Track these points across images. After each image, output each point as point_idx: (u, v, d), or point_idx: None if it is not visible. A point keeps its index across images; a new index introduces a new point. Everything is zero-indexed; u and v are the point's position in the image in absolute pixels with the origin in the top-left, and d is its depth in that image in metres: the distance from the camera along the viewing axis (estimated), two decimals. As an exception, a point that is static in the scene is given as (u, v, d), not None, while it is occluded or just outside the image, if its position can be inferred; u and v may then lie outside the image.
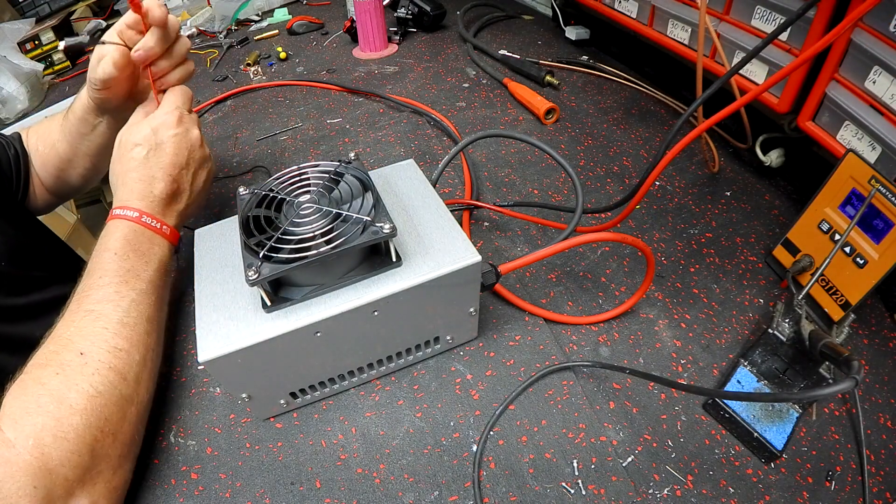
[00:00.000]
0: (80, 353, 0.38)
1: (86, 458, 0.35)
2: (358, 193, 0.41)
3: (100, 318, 0.41)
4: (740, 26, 0.58)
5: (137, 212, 0.47)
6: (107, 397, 0.38)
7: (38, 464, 0.33)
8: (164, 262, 0.47)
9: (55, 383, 0.37)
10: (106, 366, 0.39)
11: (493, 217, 0.62)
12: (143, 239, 0.46)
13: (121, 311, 0.42)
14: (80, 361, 0.38)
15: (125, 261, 0.44)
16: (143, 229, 0.46)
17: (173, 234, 0.49)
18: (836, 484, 0.39)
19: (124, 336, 0.41)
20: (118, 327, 0.41)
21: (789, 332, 0.44)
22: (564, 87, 0.85)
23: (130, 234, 0.46)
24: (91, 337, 0.40)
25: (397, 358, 0.46)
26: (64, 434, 0.35)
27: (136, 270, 0.44)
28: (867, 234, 0.44)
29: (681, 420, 0.42)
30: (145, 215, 0.47)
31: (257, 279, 0.35)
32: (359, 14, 0.97)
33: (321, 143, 0.78)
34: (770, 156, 0.62)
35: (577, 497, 0.38)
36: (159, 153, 0.49)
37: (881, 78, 0.45)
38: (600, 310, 0.51)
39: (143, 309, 0.43)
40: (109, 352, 0.39)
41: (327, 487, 0.40)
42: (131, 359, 0.40)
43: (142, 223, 0.46)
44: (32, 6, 1.44)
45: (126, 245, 0.45)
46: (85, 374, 0.38)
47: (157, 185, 0.48)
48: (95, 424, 0.36)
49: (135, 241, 0.45)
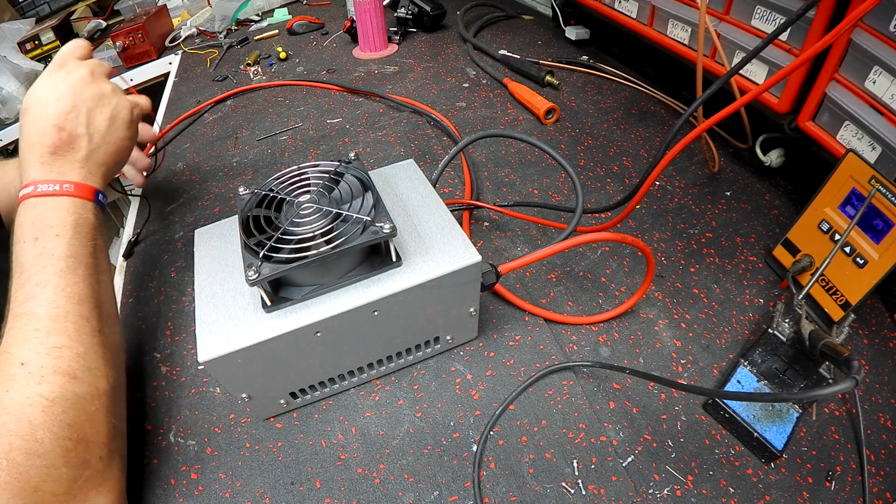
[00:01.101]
0: (20, 364, 0.35)
1: (63, 470, 0.34)
2: (358, 193, 0.41)
3: (30, 319, 0.37)
4: (740, 26, 0.58)
5: (32, 184, 0.42)
6: (62, 403, 0.35)
7: (20, 484, 0.31)
8: (82, 225, 0.42)
9: (7, 400, 0.34)
10: (50, 370, 0.36)
11: (493, 217, 0.62)
12: (46, 211, 0.41)
13: (47, 304, 0.38)
14: (23, 373, 0.35)
15: (35, 245, 0.40)
16: (43, 200, 0.41)
17: (81, 188, 0.43)
18: (836, 484, 0.39)
19: (59, 331, 0.37)
20: (50, 323, 0.37)
21: (789, 332, 0.44)
22: (564, 87, 0.85)
23: (33, 213, 0.41)
24: (27, 343, 0.36)
25: (397, 358, 0.46)
26: (34, 451, 0.33)
27: (49, 251, 0.40)
28: (867, 234, 0.44)
29: (681, 420, 0.42)
30: (39, 184, 0.42)
31: (257, 279, 0.35)
32: (359, 14, 0.97)
33: (321, 143, 0.78)
34: (770, 156, 0.62)
35: (577, 497, 0.38)
36: (39, 107, 0.44)
37: (881, 78, 0.45)
38: (600, 310, 0.51)
39: (70, 291, 0.39)
40: (49, 354, 0.36)
41: (327, 487, 0.40)
42: (75, 353, 0.37)
43: (38, 194, 0.41)
44: (32, 6, 1.44)
45: (32, 227, 0.40)
46: (31, 384, 0.35)
47: (44, 139, 0.43)
48: (61, 434, 0.34)
49: (39, 219, 0.41)
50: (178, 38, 1.24)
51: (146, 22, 1.16)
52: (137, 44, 1.16)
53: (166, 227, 0.67)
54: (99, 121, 0.46)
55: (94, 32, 1.42)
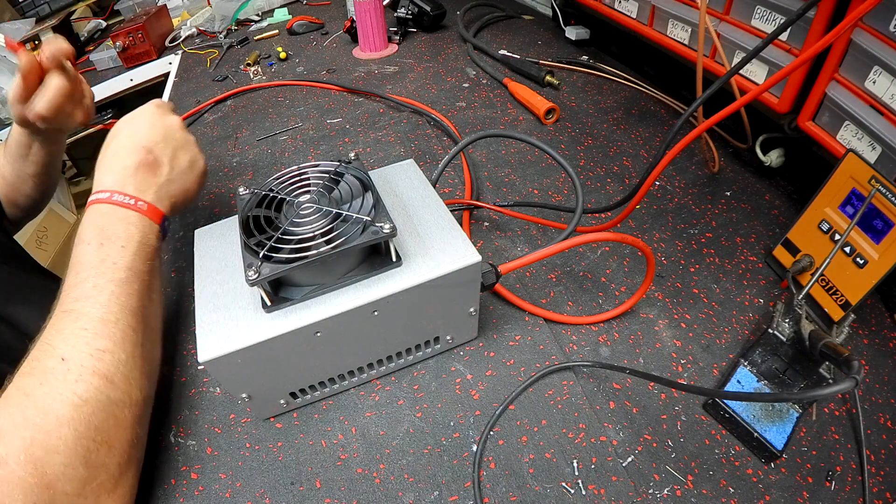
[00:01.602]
0: (61, 360, 0.36)
1: (80, 470, 0.34)
2: (358, 193, 0.41)
3: (79, 317, 0.38)
4: (740, 26, 0.58)
5: (109, 192, 0.44)
6: (94, 404, 0.35)
7: (33, 480, 0.32)
8: (146, 243, 0.44)
9: (39, 394, 0.35)
10: (89, 371, 0.36)
11: (493, 217, 0.62)
12: (116, 221, 0.43)
13: (100, 307, 0.39)
14: (62, 368, 0.36)
15: (99, 250, 0.41)
16: (115, 209, 0.43)
17: (153, 210, 0.45)
18: (836, 484, 0.39)
19: (106, 335, 0.38)
20: (99, 326, 0.38)
21: (789, 332, 0.44)
22: (564, 87, 0.85)
23: (103, 220, 0.43)
24: (71, 340, 0.37)
25: (397, 358, 0.46)
26: (54, 447, 0.33)
27: (112, 259, 0.41)
28: (867, 234, 0.44)
29: (681, 420, 0.42)
30: (117, 193, 0.44)
31: (257, 279, 0.35)
32: (359, 14, 0.97)
33: (321, 143, 0.78)
34: (770, 156, 0.62)
35: (577, 497, 0.38)
36: (133, 128, 0.48)
37: (881, 78, 0.45)
38: (600, 310, 0.51)
39: (124, 301, 0.40)
40: (92, 355, 0.37)
41: (327, 487, 0.40)
42: (116, 359, 0.38)
43: (113, 202, 0.43)
44: (32, 6, 1.44)
45: (99, 233, 0.42)
46: (68, 381, 0.35)
47: (130, 156, 0.46)
48: (86, 434, 0.34)
49: (108, 227, 0.42)
50: (178, 38, 1.24)
51: (146, 22, 1.16)
52: (137, 44, 1.16)
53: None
54: (181, 159, 0.50)
55: (94, 32, 1.42)
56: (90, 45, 1.39)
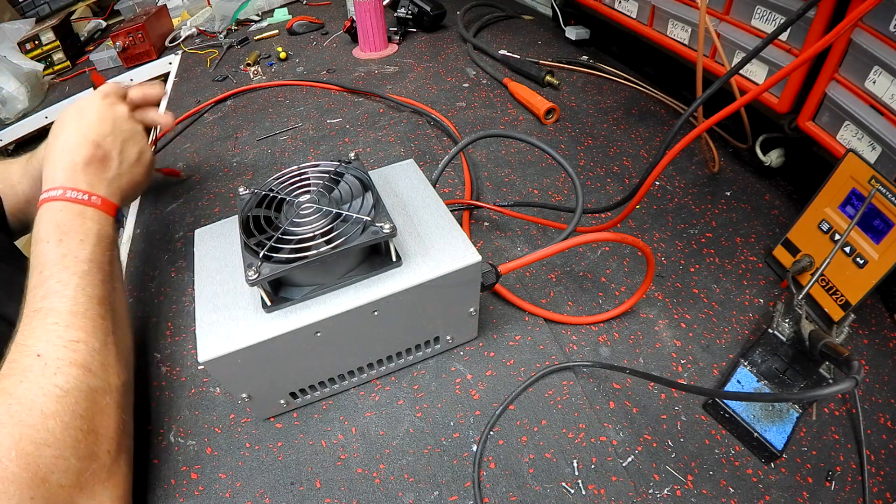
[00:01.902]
0: (37, 356, 0.37)
1: (72, 461, 0.34)
2: (358, 193, 0.41)
3: (48, 314, 0.39)
4: (740, 26, 0.58)
5: (61, 188, 0.44)
6: (76, 394, 0.36)
7: (27, 475, 0.32)
8: (103, 235, 0.45)
9: (21, 391, 0.35)
10: (66, 362, 0.37)
11: (493, 217, 0.62)
12: (72, 216, 0.44)
13: (67, 300, 0.39)
14: (39, 364, 0.36)
15: (59, 246, 0.42)
16: (70, 205, 0.44)
17: (107, 204, 0.46)
18: (836, 484, 0.39)
19: (77, 326, 0.39)
20: (69, 318, 0.39)
21: (789, 332, 0.44)
22: (564, 87, 0.85)
23: (59, 216, 0.43)
24: (44, 336, 0.38)
25: (397, 358, 0.46)
26: (44, 440, 0.33)
27: (73, 253, 0.42)
28: (867, 234, 0.44)
29: (681, 420, 0.42)
30: (70, 190, 0.45)
31: (257, 279, 0.35)
32: (359, 14, 0.97)
33: (321, 143, 0.78)
34: (770, 156, 0.62)
35: (577, 497, 0.38)
36: (80, 121, 0.48)
37: (881, 78, 0.45)
38: (600, 310, 0.51)
39: (90, 292, 0.41)
40: (66, 346, 0.38)
41: (327, 487, 0.40)
42: (91, 348, 0.39)
43: (67, 199, 0.44)
44: (32, 6, 1.45)
45: (57, 229, 0.42)
46: (47, 375, 0.36)
47: (80, 150, 0.47)
48: (72, 424, 0.35)
49: (64, 223, 0.43)
50: (178, 38, 1.24)
51: (146, 22, 1.16)
52: (137, 44, 1.16)
53: (166, 227, 0.67)
54: (130, 152, 0.51)
55: (94, 32, 1.42)
56: (90, 45, 1.39)
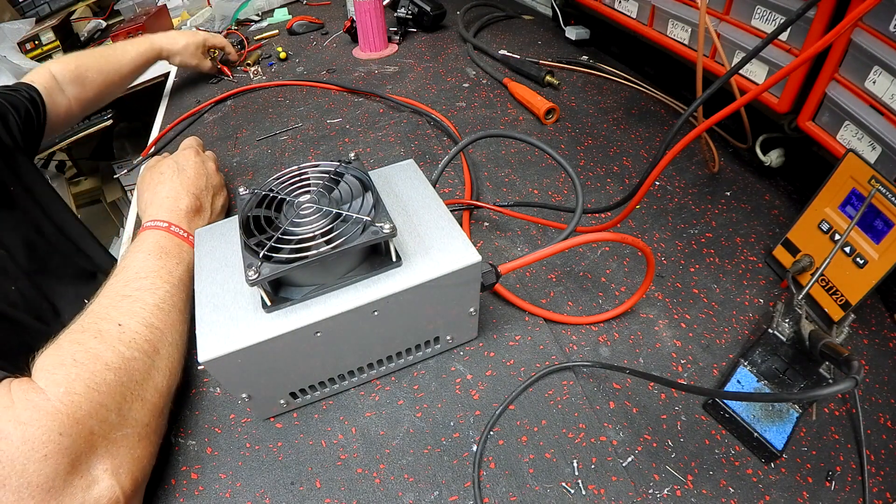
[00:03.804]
0: (118, 325, 0.41)
1: (113, 414, 0.37)
2: (358, 193, 0.41)
3: (137, 301, 0.44)
4: (740, 26, 0.58)
5: (166, 223, 0.52)
6: (140, 363, 0.40)
7: (66, 411, 0.34)
8: (192, 267, 0.49)
9: (93, 343, 0.39)
10: (142, 337, 0.41)
11: (493, 217, 0.62)
12: (172, 244, 0.50)
13: (157, 297, 0.45)
14: (118, 331, 0.40)
15: (158, 260, 0.48)
16: (172, 236, 0.51)
17: None
18: (836, 484, 0.39)
19: (160, 318, 0.44)
20: (154, 310, 0.44)
21: (789, 332, 0.44)
22: (564, 87, 0.85)
23: (162, 241, 0.50)
24: (129, 313, 0.42)
25: (397, 358, 0.46)
26: (96, 386, 0.36)
27: (168, 268, 0.48)
28: (867, 234, 0.44)
29: (681, 420, 0.42)
30: (174, 226, 0.52)
31: (257, 279, 0.35)
32: (359, 14, 0.97)
33: (321, 143, 0.78)
34: (770, 156, 0.62)
35: (577, 497, 0.38)
36: (183, 175, 0.58)
37: (881, 78, 0.45)
38: (600, 310, 0.51)
39: (175, 301, 0.46)
40: (146, 326, 0.42)
41: (327, 487, 0.40)
42: (164, 338, 0.43)
43: (171, 232, 0.51)
44: (32, 6, 1.45)
45: (158, 248, 0.49)
46: (123, 340, 0.40)
47: (183, 200, 0.55)
48: (126, 384, 0.38)
49: (167, 246, 0.50)
50: (178, 38, 1.24)
51: (146, 22, 1.16)
52: (137, 44, 1.16)
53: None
54: (217, 204, 0.61)
55: (94, 32, 1.42)
56: (90, 45, 1.39)
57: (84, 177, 1.90)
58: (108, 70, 0.84)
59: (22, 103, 0.71)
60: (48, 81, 0.76)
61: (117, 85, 0.87)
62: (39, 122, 0.74)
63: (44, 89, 0.75)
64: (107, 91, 0.86)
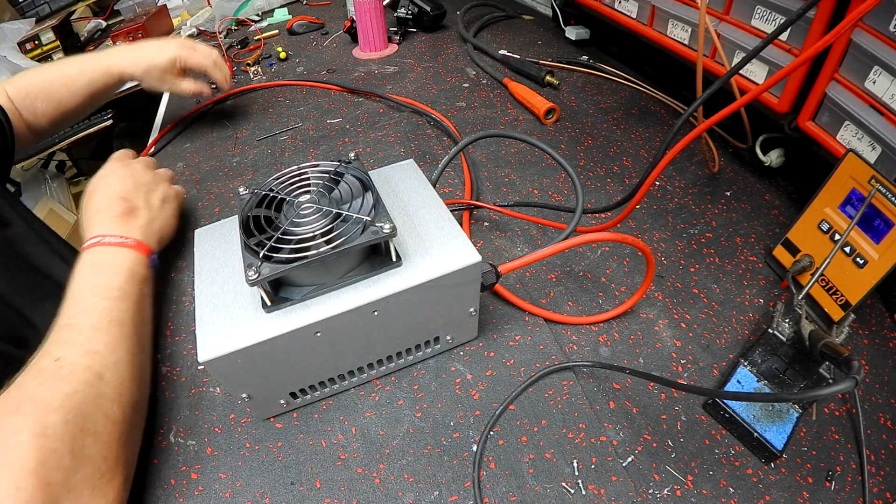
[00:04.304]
0: (55, 359, 0.39)
1: (67, 458, 0.34)
2: (358, 193, 0.41)
3: (74, 328, 0.41)
4: (740, 26, 0.58)
5: (99, 236, 0.50)
6: (84, 395, 0.37)
7: (18, 464, 0.32)
8: (135, 271, 0.48)
9: (32, 386, 0.37)
10: (81, 366, 0.39)
11: (493, 217, 0.62)
12: (107, 256, 0.48)
13: (93, 318, 0.42)
14: (55, 366, 0.38)
15: (93, 277, 0.46)
16: (106, 248, 0.49)
17: (140, 245, 0.51)
18: (836, 484, 0.39)
19: (98, 340, 0.41)
20: (91, 333, 0.41)
21: (789, 332, 0.44)
22: (564, 87, 0.85)
23: (95, 257, 0.48)
24: (66, 343, 0.40)
25: (397, 358, 0.46)
26: (42, 431, 0.34)
27: (103, 283, 0.45)
28: (867, 234, 0.44)
29: (681, 420, 0.42)
30: (106, 237, 0.50)
31: (257, 279, 0.35)
32: (359, 14, 0.97)
33: (321, 143, 0.78)
34: (770, 156, 0.62)
35: (577, 497, 0.38)
36: (106, 185, 0.55)
37: (881, 78, 0.45)
38: (600, 310, 0.51)
39: (115, 315, 0.44)
40: (84, 354, 0.40)
41: (327, 487, 0.40)
42: (107, 360, 0.41)
43: (104, 244, 0.49)
44: (32, 6, 1.45)
45: (92, 266, 0.47)
46: (61, 375, 0.38)
47: (111, 208, 0.53)
48: (74, 422, 0.36)
49: (100, 261, 0.48)
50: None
51: (146, 22, 1.16)
52: (137, 44, 1.16)
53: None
54: (154, 199, 0.57)
55: (94, 32, 1.42)
56: (90, 45, 1.39)
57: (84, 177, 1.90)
58: (59, 98, 0.72)
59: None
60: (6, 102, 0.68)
61: (72, 113, 0.75)
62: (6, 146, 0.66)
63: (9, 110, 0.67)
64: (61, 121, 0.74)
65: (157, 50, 0.76)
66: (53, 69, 0.73)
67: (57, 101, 0.71)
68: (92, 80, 0.73)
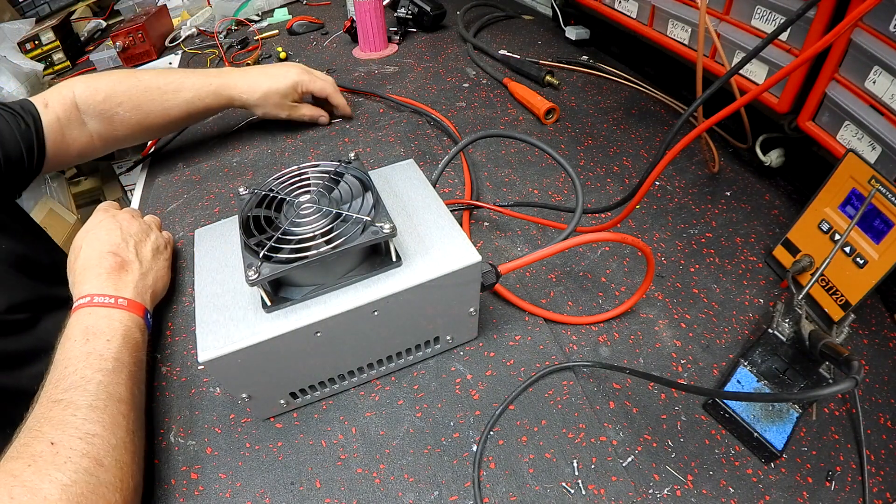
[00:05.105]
0: (50, 444, 0.36)
1: None
2: (358, 193, 0.41)
3: (68, 406, 0.39)
4: (740, 26, 0.58)
5: (89, 296, 0.47)
6: (83, 486, 0.35)
7: None
8: (130, 336, 0.45)
9: (27, 475, 0.34)
10: (78, 453, 0.36)
11: (493, 217, 0.62)
12: (99, 319, 0.45)
13: (89, 395, 0.39)
14: (51, 451, 0.36)
15: (85, 345, 0.43)
16: (98, 309, 0.46)
17: (134, 305, 0.48)
18: (836, 484, 0.39)
19: (95, 420, 0.38)
20: (88, 412, 0.38)
21: (789, 332, 0.44)
22: (564, 87, 0.85)
23: (87, 319, 0.45)
24: (61, 426, 0.37)
25: (397, 358, 0.46)
26: None
27: (98, 351, 0.43)
28: (867, 234, 0.44)
29: (681, 420, 0.42)
30: (96, 296, 0.47)
31: (257, 279, 0.35)
32: (359, 14, 0.97)
33: (321, 143, 0.78)
34: (770, 156, 0.62)
35: (577, 497, 0.38)
36: (93, 240, 0.52)
37: (881, 78, 0.45)
38: (600, 310, 0.51)
39: (112, 390, 0.41)
40: (81, 438, 0.37)
41: (327, 487, 0.40)
42: (107, 443, 0.38)
43: (95, 304, 0.46)
44: (32, 6, 1.45)
45: (84, 330, 0.44)
46: (57, 463, 0.35)
47: (102, 263, 0.49)
48: None
49: (92, 325, 0.45)
50: (178, 38, 1.24)
51: (146, 22, 1.16)
52: (137, 44, 1.16)
53: (166, 227, 0.66)
54: (145, 251, 0.54)
55: (94, 32, 1.42)
56: (90, 45, 1.39)
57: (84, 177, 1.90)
58: (149, 110, 0.68)
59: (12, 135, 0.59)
60: (67, 111, 0.64)
61: (159, 129, 0.72)
62: (30, 163, 0.61)
63: (56, 121, 0.63)
64: (143, 133, 0.71)
65: (276, 75, 0.73)
66: (148, 77, 0.69)
67: (146, 112, 0.68)
68: (194, 99, 0.69)
